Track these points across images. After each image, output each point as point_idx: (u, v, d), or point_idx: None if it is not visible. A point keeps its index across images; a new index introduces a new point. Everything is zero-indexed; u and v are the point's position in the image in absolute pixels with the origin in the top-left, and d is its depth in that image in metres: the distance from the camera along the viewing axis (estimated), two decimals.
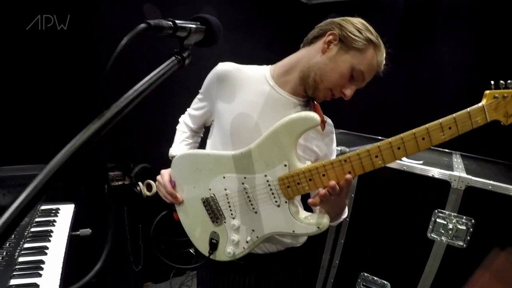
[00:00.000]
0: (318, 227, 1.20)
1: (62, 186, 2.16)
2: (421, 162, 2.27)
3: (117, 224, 2.81)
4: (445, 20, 3.43)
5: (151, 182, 2.68)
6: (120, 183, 2.66)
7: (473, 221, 1.98)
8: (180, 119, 1.66)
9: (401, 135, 1.10)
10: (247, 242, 1.31)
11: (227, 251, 1.33)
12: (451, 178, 2.05)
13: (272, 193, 1.24)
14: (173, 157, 1.51)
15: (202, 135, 1.69)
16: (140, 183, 2.66)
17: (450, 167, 2.25)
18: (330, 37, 1.26)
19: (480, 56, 3.22)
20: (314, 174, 1.16)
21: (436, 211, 2.06)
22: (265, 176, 1.23)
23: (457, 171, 2.11)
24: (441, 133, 1.09)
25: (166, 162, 2.73)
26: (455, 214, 2.02)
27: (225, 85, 1.36)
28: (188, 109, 1.61)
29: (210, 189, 1.33)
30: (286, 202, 1.23)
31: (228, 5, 3.40)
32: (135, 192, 2.67)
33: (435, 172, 2.11)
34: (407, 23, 3.67)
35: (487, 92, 1.07)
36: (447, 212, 2.04)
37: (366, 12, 3.99)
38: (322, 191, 1.16)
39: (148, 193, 2.67)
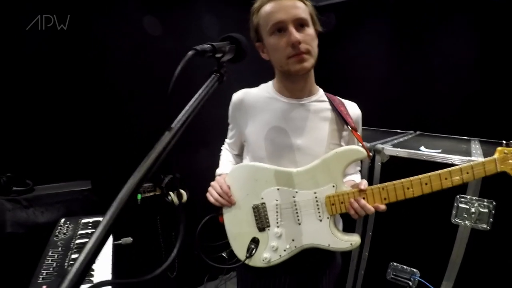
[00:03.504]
0: (351, 244, 1.39)
1: (97, 200, 2.28)
2: (439, 150, 2.32)
3: (151, 233, 2.91)
4: (444, 12, 3.47)
5: (182, 191, 2.78)
6: (151, 194, 2.77)
7: (494, 203, 2.03)
8: (222, 148, 1.83)
9: (429, 174, 1.30)
10: (285, 250, 1.44)
11: (264, 256, 1.45)
12: (469, 162, 2.10)
13: (318, 209, 1.40)
14: (219, 175, 1.65)
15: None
16: (171, 193, 2.76)
17: (468, 153, 2.30)
18: (259, 49, 1.49)
19: (480, 47, 3.25)
20: (357, 196, 1.35)
21: (458, 196, 2.11)
22: (315, 193, 1.40)
23: (475, 156, 2.17)
24: (460, 175, 1.30)
25: (195, 172, 2.83)
26: (477, 198, 2.07)
27: (242, 111, 1.55)
28: (226, 139, 1.79)
29: (262, 198, 1.46)
30: (328, 218, 1.40)
31: (236, 14, 3.50)
32: (167, 201, 2.77)
33: (454, 159, 2.17)
34: (406, 17, 3.73)
35: (499, 148, 1.30)
36: (468, 197, 2.09)
37: (367, 10, 4.05)
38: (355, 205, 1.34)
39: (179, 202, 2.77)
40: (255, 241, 1.47)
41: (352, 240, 1.39)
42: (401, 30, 3.85)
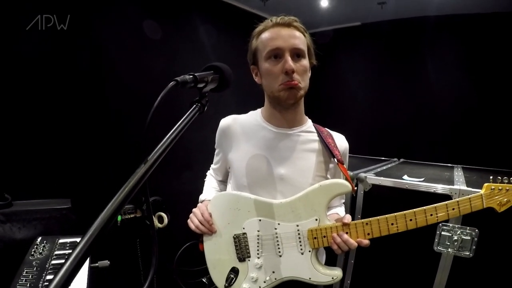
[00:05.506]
0: (332, 278, 1.37)
1: (76, 220, 2.22)
2: (422, 179, 2.34)
3: (130, 256, 2.84)
4: (434, 38, 3.55)
5: (163, 214, 2.73)
6: (132, 216, 2.71)
7: (476, 230, 2.04)
8: (207, 173, 1.81)
9: (414, 210, 1.29)
10: (264, 282, 1.41)
11: (243, 286, 1.43)
12: (452, 191, 2.12)
13: (300, 242, 1.38)
14: (202, 201, 1.62)
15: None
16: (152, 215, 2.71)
17: (451, 182, 2.33)
18: (253, 72, 1.50)
19: (470, 69, 3.33)
20: (340, 231, 1.33)
21: (440, 224, 2.12)
22: (297, 226, 1.38)
23: (458, 185, 2.19)
24: (445, 211, 1.27)
25: (176, 195, 2.79)
26: (459, 226, 2.08)
27: (229, 138, 1.54)
28: (211, 165, 1.77)
29: (243, 228, 1.44)
30: (309, 251, 1.38)
31: (228, 38, 3.54)
32: (147, 224, 2.71)
33: (436, 187, 2.19)
34: (392, 48, 3.82)
35: (486, 184, 1.27)
36: (451, 225, 2.10)
37: (353, 40, 4.15)
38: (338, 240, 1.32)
39: (160, 225, 2.72)
40: (234, 271, 1.45)
41: (333, 274, 1.37)
42: (387, 60, 3.93)
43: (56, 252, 1.79)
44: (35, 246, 1.83)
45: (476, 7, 3.29)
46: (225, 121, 1.57)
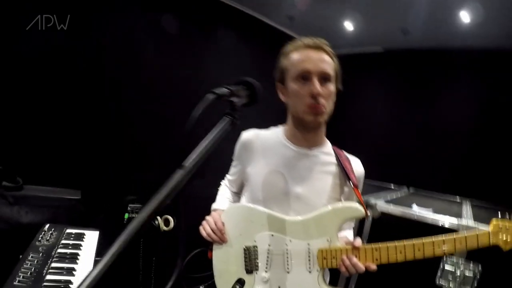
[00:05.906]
0: None
1: (83, 211, 2.24)
2: (430, 209, 2.34)
3: (131, 255, 2.84)
4: (444, 73, 3.56)
5: (169, 217, 2.74)
6: None
7: (480, 266, 2.04)
8: (222, 183, 1.82)
9: (423, 241, 1.30)
10: None
11: None
12: (459, 226, 2.12)
13: (309, 260, 1.39)
14: (215, 210, 1.65)
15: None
16: (158, 217, 2.72)
17: (458, 215, 2.32)
18: (278, 89, 1.52)
19: (487, 104, 3.33)
20: (349, 254, 1.34)
21: (445, 257, 2.12)
22: (308, 244, 1.40)
23: (465, 219, 2.18)
24: (453, 245, 1.29)
25: (187, 200, 2.80)
26: (463, 259, 2.08)
27: (250, 152, 1.56)
28: (227, 175, 1.78)
29: (255, 241, 1.45)
30: (317, 270, 1.39)
31: (257, 57, 3.57)
32: (153, 225, 2.73)
33: (444, 220, 2.19)
34: (406, 75, 3.87)
35: (493, 221, 1.29)
36: (455, 259, 2.09)
37: (366, 65, 4.16)
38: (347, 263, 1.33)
39: (165, 228, 2.73)
40: (240, 282, 1.45)
41: None
42: (401, 88, 3.94)
43: (63, 241, 1.80)
44: (43, 232, 1.85)
45: (503, 42, 3.28)
46: (247, 135, 1.59)
